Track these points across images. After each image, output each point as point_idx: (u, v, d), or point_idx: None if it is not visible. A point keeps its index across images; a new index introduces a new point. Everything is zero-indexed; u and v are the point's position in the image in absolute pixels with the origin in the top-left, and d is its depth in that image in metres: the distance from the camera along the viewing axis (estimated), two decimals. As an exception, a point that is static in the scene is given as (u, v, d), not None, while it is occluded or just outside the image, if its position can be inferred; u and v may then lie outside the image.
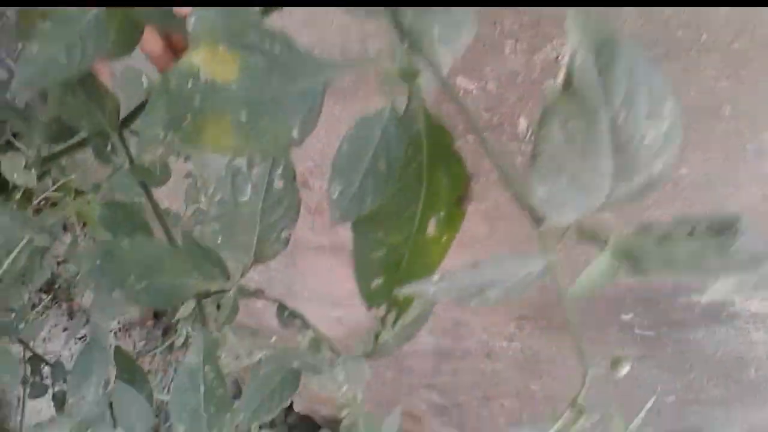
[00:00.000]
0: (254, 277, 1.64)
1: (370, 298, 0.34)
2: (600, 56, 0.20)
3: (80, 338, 1.46)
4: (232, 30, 0.27)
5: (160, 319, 1.58)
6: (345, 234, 1.31)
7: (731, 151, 0.99)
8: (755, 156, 0.99)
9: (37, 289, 1.28)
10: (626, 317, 1.34)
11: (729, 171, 1.02)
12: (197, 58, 0.27)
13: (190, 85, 0.27)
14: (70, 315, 1.42)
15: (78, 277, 1.29)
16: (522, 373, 1.61)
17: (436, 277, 0.26)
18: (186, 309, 1.43)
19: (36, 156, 0.55)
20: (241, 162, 0.42)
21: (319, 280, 1.56)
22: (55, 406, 1.06)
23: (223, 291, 0.48)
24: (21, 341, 1.11)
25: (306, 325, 0.48)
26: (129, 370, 0.59)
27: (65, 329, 1.42)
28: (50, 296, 1.33)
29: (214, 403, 0.44)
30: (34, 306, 1.27)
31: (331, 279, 1.53)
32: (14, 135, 0.73)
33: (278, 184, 0.43)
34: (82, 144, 0.54)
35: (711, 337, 1.30)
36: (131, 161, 0.53)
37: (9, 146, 0.72)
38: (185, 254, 0.45)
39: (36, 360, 1.10)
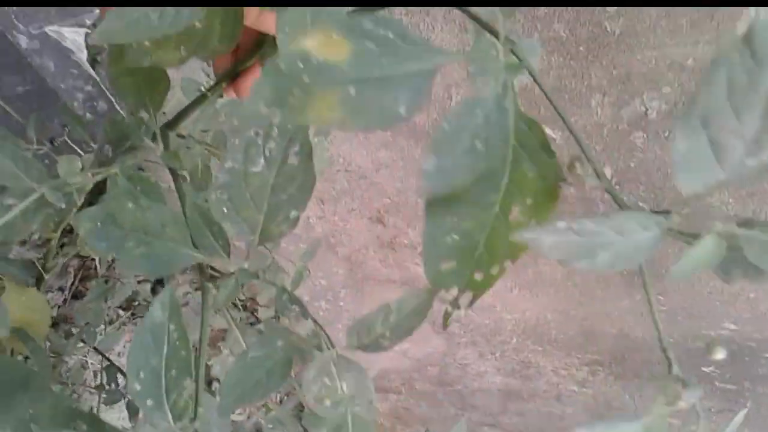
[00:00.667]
0: (322, 306, 1.66)
1: (437, 280, 0.34)
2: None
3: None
4: (343, 20, 0.29)
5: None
6: (416, 269, 1.31)
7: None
8: None
9: (117, 306, 1.32)
10: (707, 369, 1.28)
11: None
12: (309, 42, 0.28)
13: (300, 66, 0.28)
14: (145, 332, 1.46)
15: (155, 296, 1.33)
16: (592, 420, 1.55)
17: (562, 223, 0.25)
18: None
19: (94, 159, 0.56)
20: (258, 135, 0.40)
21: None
22: (129, 413, 1.09)
23: (225, 274, 0.46)
24: (98, 351, 1.15)
25: (305, 313, 0.44)
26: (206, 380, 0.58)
27: (140, 345, 1.46)
28: (129, 312, 1.37)
29: (176, 366, 0.41)
30: (111, 321, 1.32)
31: (400, 311, 1.52)
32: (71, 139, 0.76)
33: (293, 160, 0.40)
34: (133, 148, 0.54)
35: (799, 395, 1.23)
36: (166, 147, 0.53)
37: (66, 148, 0.74)
38: (188, 222, 0.43)
39: (112, 369, 1.14)
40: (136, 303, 1.35)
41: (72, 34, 1.10)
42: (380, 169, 1.20)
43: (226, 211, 0.41)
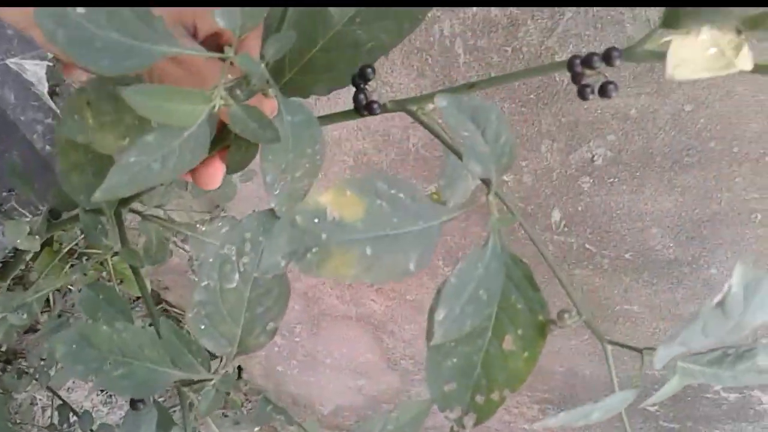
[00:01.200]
0: (277, 341, 1.65)
1: (443, 401, 0.37)
2: (746, 291, 0.30)
3: (102, 390, 1.47)
4: (356, 180, 0.31)
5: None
6: (372, 306, 1.32)
7: (761, 257, 1.00)
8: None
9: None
10: (651, 408, 1.31)
11: (758, 269, 1.03)
12: (325, 198, 0.31)
13: (316, 222, 0.30)
14: (96, 366, 1.44)
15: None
16: (542, 458, 1.58)
17: (590, 406, 0.32)
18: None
19: (41, 223, 0.56)
20: (231, 251, 0.41)
21: (343, 349, 1.56)
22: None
23: (204, 380, 0.47)
24: (50, 389, 1.13)
25: (290, 421, 0.47)
26: (167, 426, 0.58)
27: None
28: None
29: None
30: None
31: (355, 348, 1.53)
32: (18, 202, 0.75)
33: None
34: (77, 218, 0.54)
35: (738, 433, 1.27)
36: (123, 243, 0.52)
37: (14, 212, 0.74)
38: (165, 344, 0.44)
39: (65, 409, 1.11)
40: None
41: (33, 67, 1.10)
42: (338, 207, 1.22)
43: (203, 327, 0.42)
